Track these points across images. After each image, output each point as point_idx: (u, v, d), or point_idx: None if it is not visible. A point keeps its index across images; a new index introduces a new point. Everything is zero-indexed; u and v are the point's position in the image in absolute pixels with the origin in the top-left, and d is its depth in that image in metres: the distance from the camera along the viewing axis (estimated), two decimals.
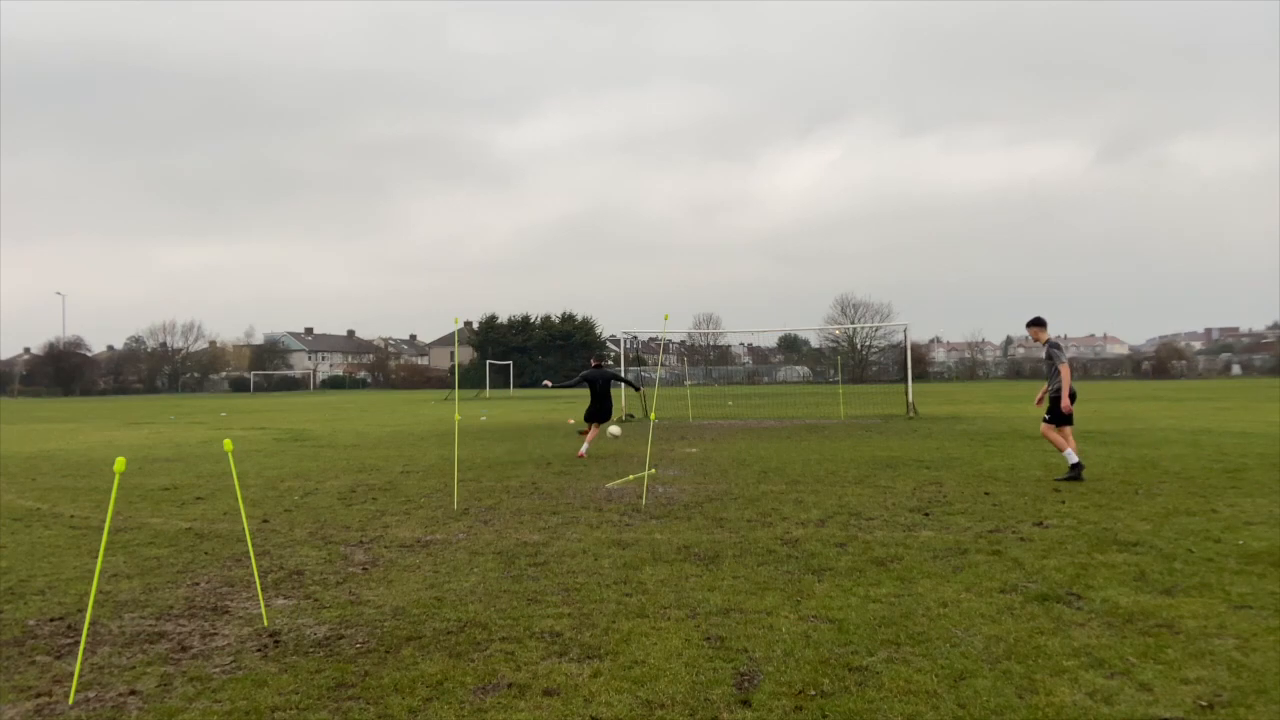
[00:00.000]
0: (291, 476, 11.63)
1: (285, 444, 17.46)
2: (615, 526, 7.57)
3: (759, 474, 10.98)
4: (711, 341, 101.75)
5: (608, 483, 10.28)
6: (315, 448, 16.39)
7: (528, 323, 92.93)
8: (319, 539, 7.25)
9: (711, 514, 8.07)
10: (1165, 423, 18.65)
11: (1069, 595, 5.11)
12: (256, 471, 12.26)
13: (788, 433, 18.41)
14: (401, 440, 17.94)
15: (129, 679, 4.12)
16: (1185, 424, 18.07)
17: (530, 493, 9.67)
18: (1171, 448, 13.25)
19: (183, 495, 9.95)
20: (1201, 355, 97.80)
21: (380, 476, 11.43)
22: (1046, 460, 11.94)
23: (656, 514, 8.16)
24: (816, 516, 7.83)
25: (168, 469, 12.87)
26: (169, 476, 11.85)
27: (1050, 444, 10.07)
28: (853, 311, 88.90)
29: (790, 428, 20.09)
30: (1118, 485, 9.37)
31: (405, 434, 19.93)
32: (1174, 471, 10.41)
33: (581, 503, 8.92)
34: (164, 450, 16.28)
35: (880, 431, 18.15)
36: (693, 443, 16.06)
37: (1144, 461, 11.49)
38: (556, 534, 7.24)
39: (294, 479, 11.35)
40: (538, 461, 12.93)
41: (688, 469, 11.74)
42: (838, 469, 11.36)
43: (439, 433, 19.93)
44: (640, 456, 12.30)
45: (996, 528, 7.13)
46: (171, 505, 9.23)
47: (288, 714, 3.70)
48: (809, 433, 18.26)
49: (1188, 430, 16.35)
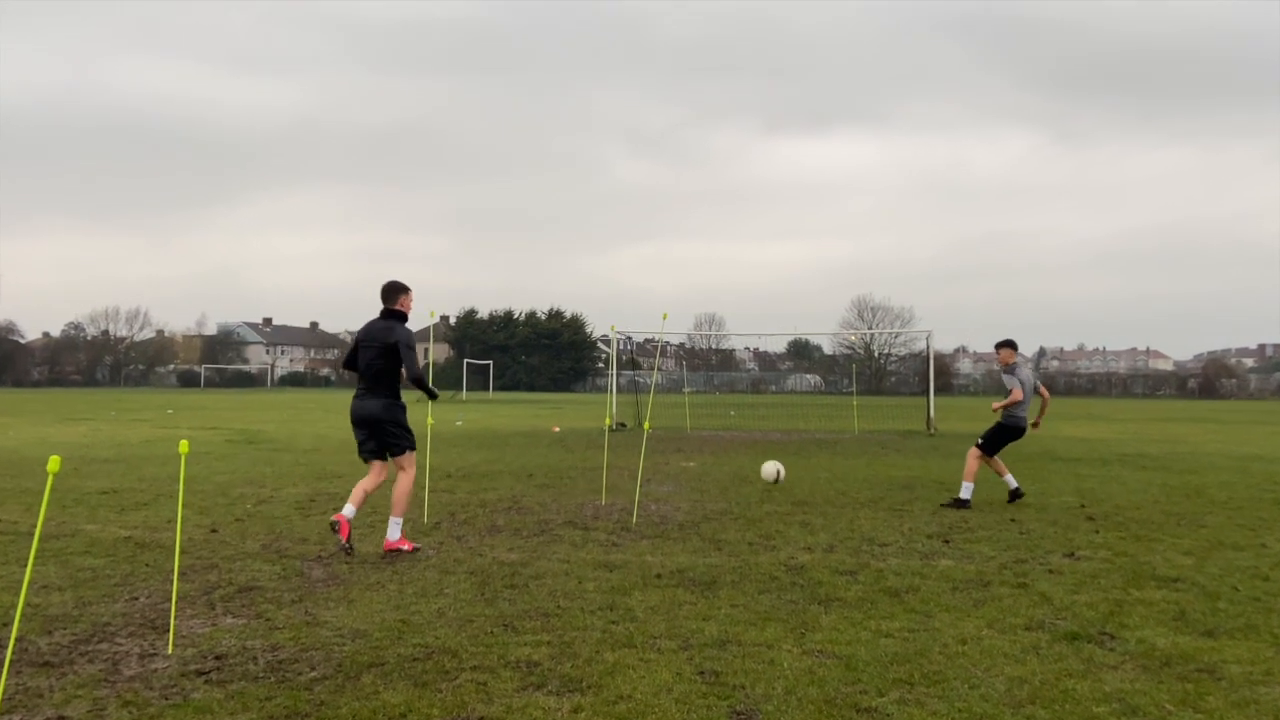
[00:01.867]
0: (244, 482, 11.61)
1: (238, 446, 17.43)
2: (602, 546, 7.58)
3: (762, 492, 10.99)
4: (713, 344, 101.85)
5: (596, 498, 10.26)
6: (271, 451, 16.35)
7: (511, 319, 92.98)
8: (273, 552, 7.24)
9: (709, 535, 8.08)
10: (1212, 447, 18.71)
11: (1101, 635, 5.12)
12: (206, 476, 12.23)
13: (795, 447, 18.44)
14: None
15: (58, 702, 4.10)
16: (1234, 449, 18.14)
17: (509, 507, 9.67)
18: (1218, 474, 13.30)
19: (123, 500, 9.92)
20: (1254, 373, 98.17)
21: (342, 485, 11.40)
22: (1080, 485, 11.97)
23: (648, 534, 8.16)
24: (825, 541, 7.84)
25: (107, 470, 12.83)
26: (108, 479, 11.81)
27: (966, 466, 10.21)
28: (870, 315, 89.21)
29: (798, 442, 20.12)
30: (1158, 514, 9.40)
31: None
32: (1220, 501, 10.45)
33: (565, 519, 8.93)
34: (103, 450, 16.22)
35: (897, 449, 18.20)
36: (690, 456, 16.12)
37: (1187, 489, 11.54)
38: (537, 553, 7.25)
39: (246, 485, 11.33)
40: (518, 473, 12.91)
41: (683, 485, 11.75)
42: (849, 489, 11.37)
43: None
44: (631, 470, 12.28)
45: (1023, 558, 7.15)
46: (110, 511, 9.20)
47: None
48: (819, 448, 18.30)
49: (1236, 456, 16.40)
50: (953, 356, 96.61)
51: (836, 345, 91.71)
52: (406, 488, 7.38)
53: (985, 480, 12.44)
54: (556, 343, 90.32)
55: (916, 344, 79.43)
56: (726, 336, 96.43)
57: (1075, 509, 9.80)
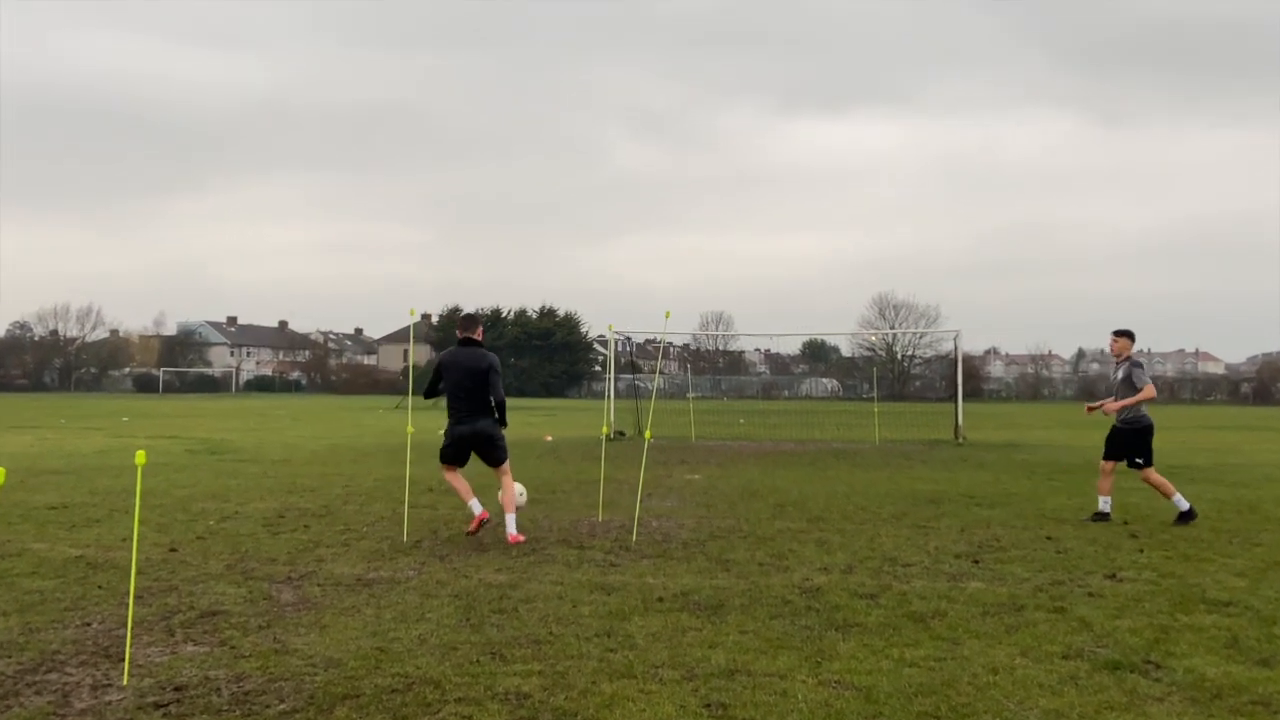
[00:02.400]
0: (206, 497, 11.62)
1: (199, 457, 17.44)
2: (599, 567, 7.58)
3: (774, 508, 11.01)
4: (721, 346, 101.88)
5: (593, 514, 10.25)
6: (236, 462, 16.37)
7: (499, 318, 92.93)
8: (238, 573, 7.25)
9: (715, 555, 8.09)
10: (1267, 457, 18.71)
11: (1146, 664, 5.14)
12: (164, 489, 12.22)
13: (810, 458, 18.46)
14: (341, 456, 17.98)
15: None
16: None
17: (497, 524, 9.58)
18: (1274, 488, 13.31)
19: (74, 516, 9.92)
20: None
21: (314, 499, 11.44)
22: (1123, 500, 11.95)
23: (649, 553, 8.16)
24: (843, 561, 7.85)
25: (56, 483, 12.83)
26: (58, 493, 11.82)
27: (1155, 488, 10.18)
28: (893, 314, 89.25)
29: (813, 452, 20.14)
30: (1207, 532, 9.39)
31: (346, 448, 19.94)
32: (1277, 517, 10.45)
33: (559, 537, 8.94)
34: (52, 461, 16.22)
35: (923, 460, 18.24)
36: (695, 468, 16.14)
37: (1240, 504, 11.53)
38: (527, 574, 7.25)
39: (209, 500, 11.35)
40: None
41: (688, 499, 11.77)
42: (870, 504, 11.39)
43: (387, 448, 19.91)
44: (630, 483, 12.27)
45: (1060, 580, 7.16)
46: (60, 528, 9.20)
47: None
48: (836, 459, 18.31)
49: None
50: (983, 359, 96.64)
51: (856, 346, 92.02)
52: (512, 487, 9.08)
53: (1017, 495, 12.43)
54: (549, 344, 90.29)
55: (943, 345, 79.76)
56: (735, 337, 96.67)
57: (1117, 526, 9.77)
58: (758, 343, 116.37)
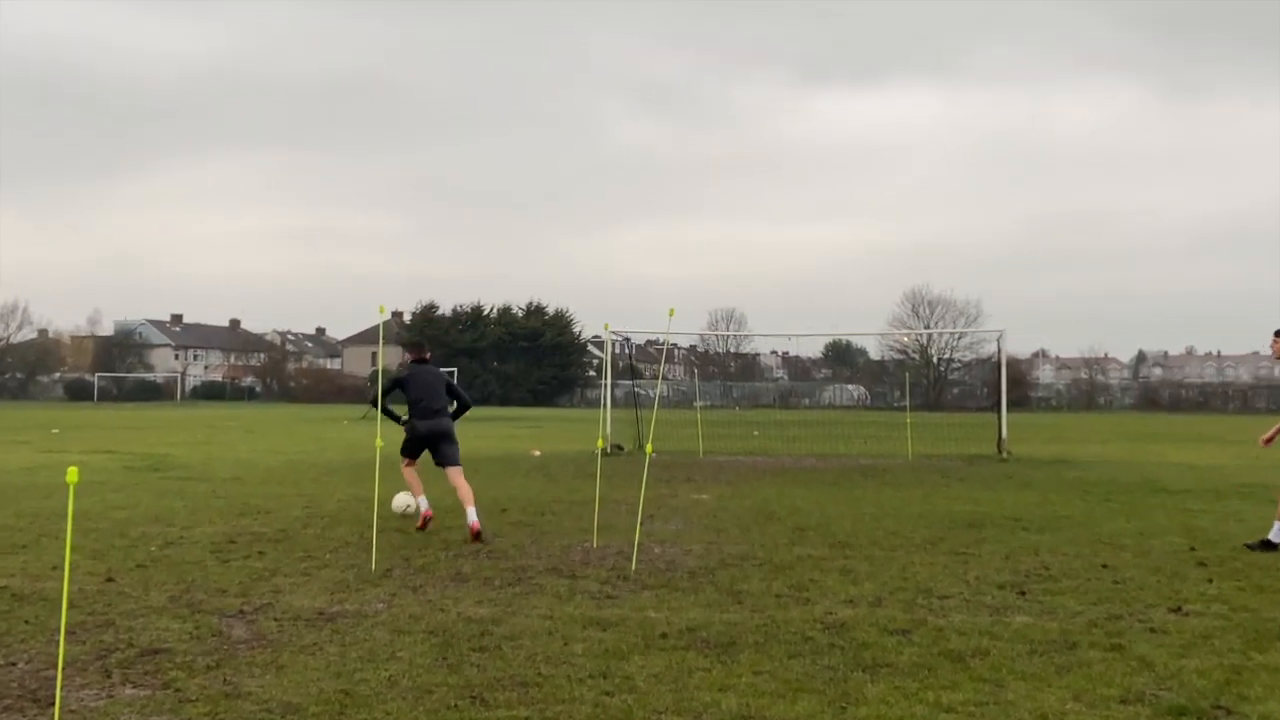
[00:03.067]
0: (148, 520, 11.62)
1: (140, 474, 17.43)
2: (594, 599, 7.59)
3: (793, 532, 11.05)
4: (732, 347, 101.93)
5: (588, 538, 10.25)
6: (182, 481, 16.38)
7: (479, 316, 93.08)
8: (184, 606, 7.25)
9: (726, 585, 8.11)
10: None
11: (1215, 709, 5.13)
12: (100, 511, 12.22)
13: (834, 476, 18.47)
14: (301, 473, 17.98)
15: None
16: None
17: (478, 550, 9.73)
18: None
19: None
20: None
21: (270, 522, 11.47)
22: (1189, 523, 11.94)
23: (651, 583, 8.16)
24: (870, 592, 7.86)
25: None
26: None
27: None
28: (928, 311, 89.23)
29: (838, 469, 20.12)
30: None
31: (307, 464, 19.95)
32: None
33: (548, 565, 8.96)
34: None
35: (962, 478, 18.24)
36: (703, 486, 16.18)
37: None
38: (513, 607, 7.26)
39: (151, 523, 11.34)
40: (488, 507, 12.84)
41: (695, 522, 11.79)
42: (902, 528, 11.43)
43: (354, 463, 19.90)
44: (629, 504, 12.25)
45: (1118, 613, 7.17)
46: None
47: None
48: (863, 477, 18.33)
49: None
50: (1030, 362, 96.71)
51: (886, 348, 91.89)
52: (467, 485, 10.97)
53: (1069, 518, 12.39)
54: (537, 346, 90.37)
55: (985, 347, 79.16)
56: (749, 338, 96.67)
57: (1183, 552, 9.77)
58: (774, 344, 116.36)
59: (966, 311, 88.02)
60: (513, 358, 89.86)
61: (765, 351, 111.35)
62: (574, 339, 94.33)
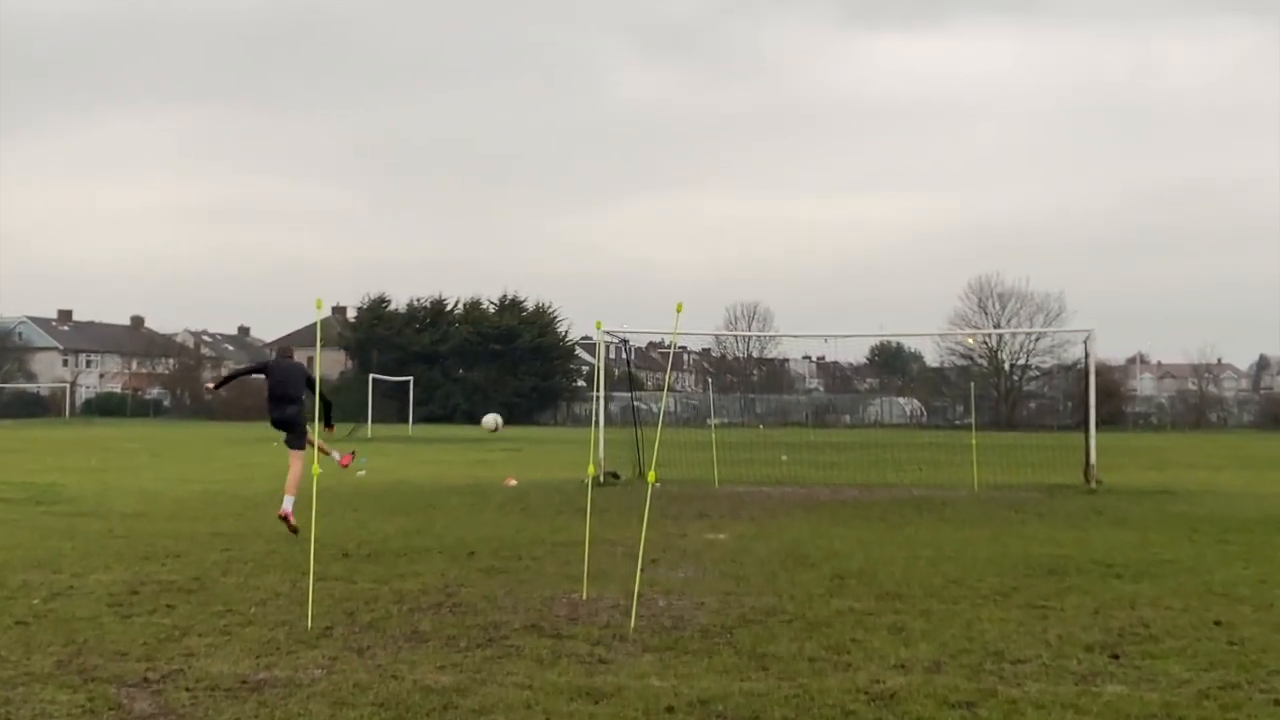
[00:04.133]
0: (29, 565, 11.56)
1: (20, 509, 17.38)
2: (583, 664, 7.50)
3: (830, 580, 10.97)
4: (755, 351, 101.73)
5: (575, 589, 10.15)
6: (72, 517, 16.32)
7: (441, 312, 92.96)
8: (74, 673, 7.16)
9: (748, 647, 8.03)
10: None
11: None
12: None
13: (881, 510, 18.40)
14: (220, 507, 17.91)
15: None
16: None
17: (438, 603, 9.66)
18: None
19: None
20: None
21: (182, 568, 11.40)
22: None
23: (654, 644, 8.08)
24: (927, 655, 7.79)
25: None
26: None
27: None
28: (998, 307, 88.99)
29: (886, 501, 20.03)
30: None
31: (227, 496, 19.87)
32: None
33: (526, 622, 8.87)
34: None
35: (1040, 513, 18.14)
36: (719, 524, 16.10)
37: None
38: (482, 674, 7.20)
39: (33, 569, 11.27)
40: (452, 550, 12.94)
41: (709, 568, 11.75)
42: (965, 575, 11.37)
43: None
44: (628, 545, 12.21)
45: (1234, 682, 7.09)
46: None
47: None
48: (918, 511, 18.26)
49: None
50: (1125, 370, 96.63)
51: (946, 353, 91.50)
52: (299, 474, 14.57)
53: (1173, 563, 12.30)
54: (513, 349, 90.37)
55: (1069, 351, 79.15)
56: (775, 339, 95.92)
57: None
58: (807, 347, 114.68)
59: (1046, 307, 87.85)
60: (482, 364, 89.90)
61: (796, 357, 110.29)
62: (559, 341, 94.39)
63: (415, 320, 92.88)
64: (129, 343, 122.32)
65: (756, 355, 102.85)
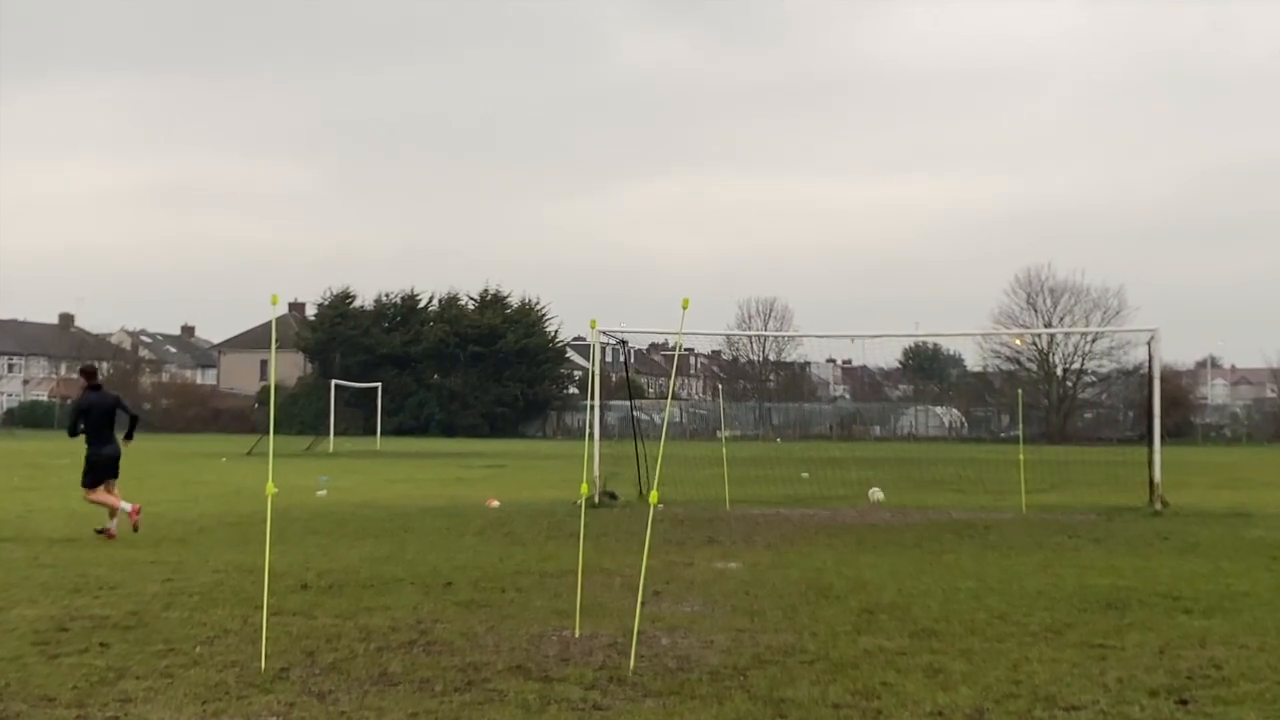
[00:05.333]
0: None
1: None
2: (576, 710, 6.57)
3: (858, 615, 9.60)
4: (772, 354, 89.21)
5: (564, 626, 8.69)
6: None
7: (414, 308, 77.75)
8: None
9: (764, 691, 6.98)
10: None
11: None
12: None
13: (916, 536, 16.34)
14: (162, 532, 15.98)
15: None
16: None
17: (410, 641, 8.46)
18: None
19: None
20: None
21: (117, 601, 10.04)
22: None
23: (656, 689, 7.05)
24: (969, 701, 6.80)
25: None
26: None
27: None
28: (1049, 303, 73.36)
29: (922, 524, 17.93)
30: None
31: (169, 520, 17.76)
32: None
33: (511, 662, 7.75)
34: None
35: (1097, 538, 16.13)
36: (730, 551, 14.29)
37: None
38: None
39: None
40: (426, 580, 11.42)
41: (719, 602, 10.30)
42: (1012, 610, 9.89)
43: (235, 517, 17.98)
44: (626, 575, 10.87)
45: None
46: None
47: None
48: (958, 537, 16.18)
49: None
50: (1195, 375, 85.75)
51: (990, 355, 74.68)
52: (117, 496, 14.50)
53: (1250, 595, 10.91)
54: (496, 351, 74.73)
55: (1131, 353, 65.36)
56: (795, 340, 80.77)
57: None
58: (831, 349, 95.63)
59: (1104, 304, 72.08)
60: (461, 368, 74.71)
61: (818, 360, 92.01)
62: (548, 342, 79.18)
63: (384, 319, 76.66)
64: (57, 344, 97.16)
65: (773, 358, 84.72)
